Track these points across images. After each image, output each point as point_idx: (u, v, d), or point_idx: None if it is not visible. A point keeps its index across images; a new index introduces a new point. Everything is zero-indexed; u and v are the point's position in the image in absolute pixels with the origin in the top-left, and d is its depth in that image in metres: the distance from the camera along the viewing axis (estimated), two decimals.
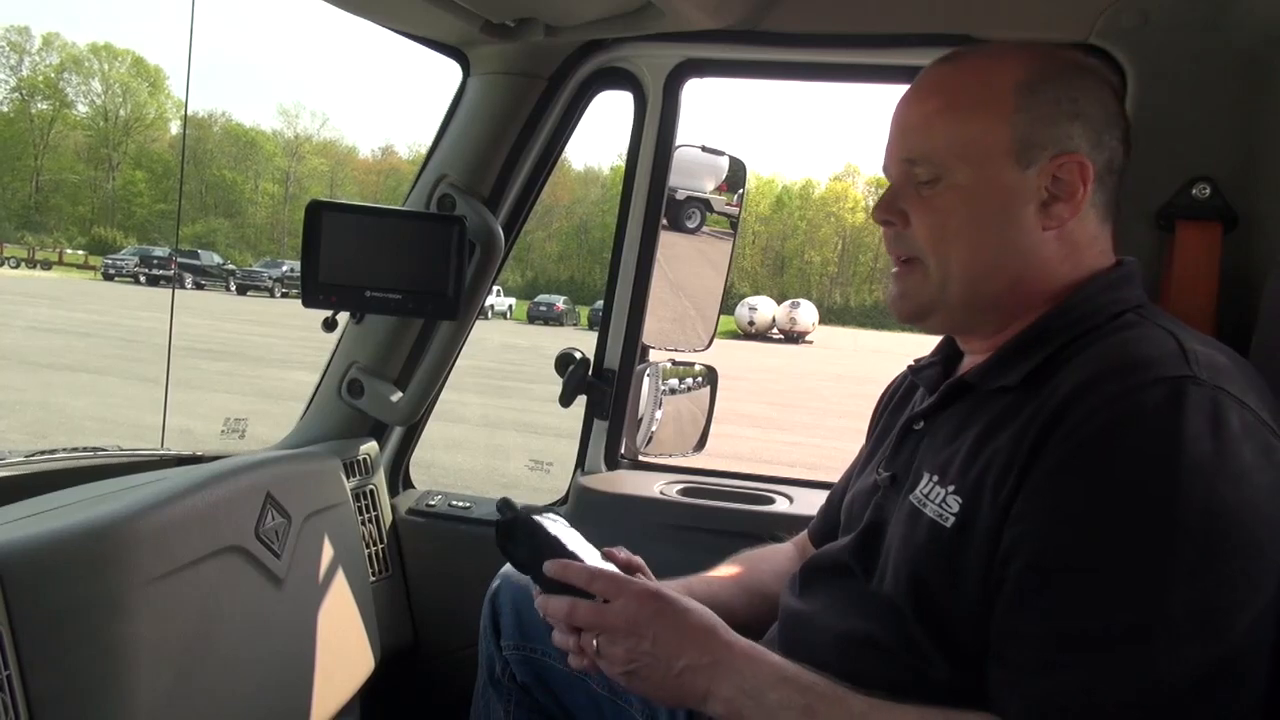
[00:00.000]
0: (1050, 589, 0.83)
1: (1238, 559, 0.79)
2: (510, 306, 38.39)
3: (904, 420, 1.11)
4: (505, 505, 1.13)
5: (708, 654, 0.95)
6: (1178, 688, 0.77)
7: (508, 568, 1.45)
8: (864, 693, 0.90)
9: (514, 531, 1.10)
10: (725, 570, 1.36)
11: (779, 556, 1.38)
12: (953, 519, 0.92)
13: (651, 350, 2.01)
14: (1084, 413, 0.85)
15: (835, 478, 1.38)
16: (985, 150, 0.99)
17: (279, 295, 34.42)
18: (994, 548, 0.88)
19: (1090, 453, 0.83)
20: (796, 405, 14.44)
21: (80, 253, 48.27)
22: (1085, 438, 0.84)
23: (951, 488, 0.94)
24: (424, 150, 1.82)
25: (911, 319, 1.07)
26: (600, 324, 1.95)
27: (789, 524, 1.74)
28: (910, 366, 1.21)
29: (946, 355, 1.16)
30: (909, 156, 1.03)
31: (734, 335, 35.75)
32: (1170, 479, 0.79)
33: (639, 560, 1.24)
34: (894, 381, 1.30)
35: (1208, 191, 1.32)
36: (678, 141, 1.85)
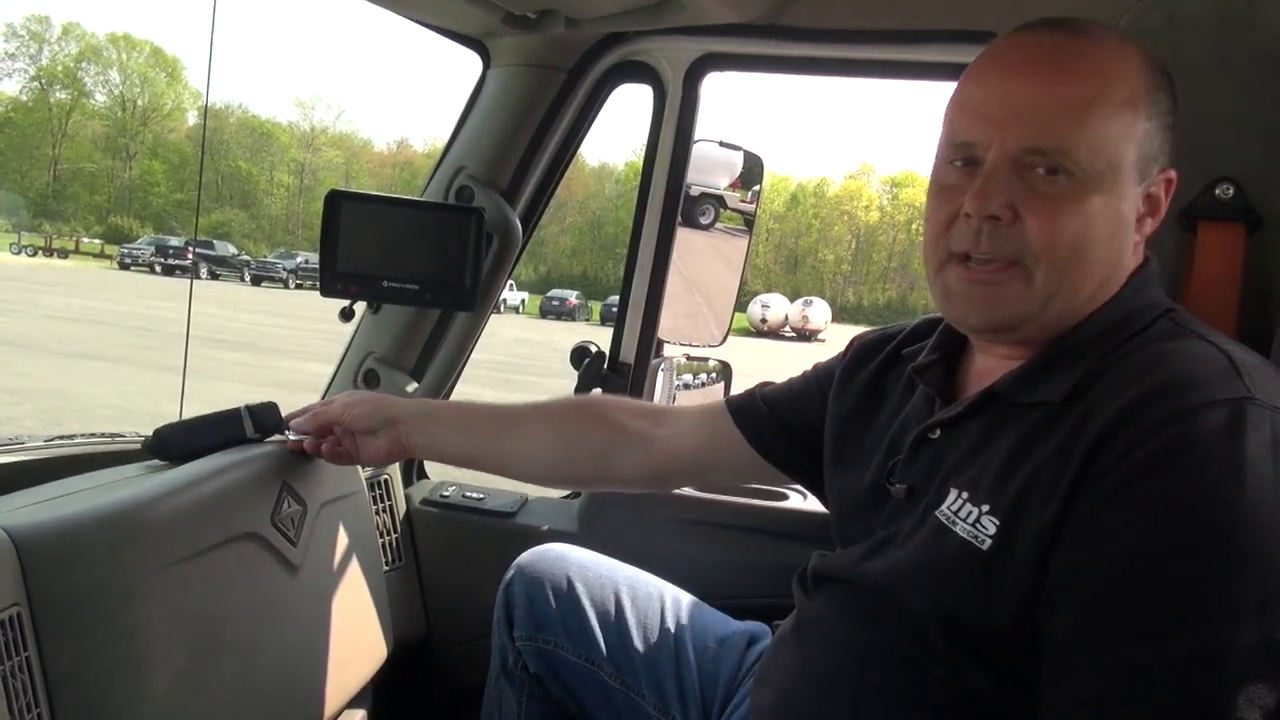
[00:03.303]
0: (1111, 622, 0.78)
1: None
2: (523, 300, 38.43)
3: (918, 429, 1.03)
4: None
5: None
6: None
7: (521, 558, 1.45)
8: None
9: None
10: (533, 426, 1.38)
11: (615, 432, 1.35)
12: (989, 541, 0.87)
13: (666, 345, 2.01)
14: (1137, 435, 0.80)
15: None
16: (1123, 157, 0.89)
17: (293, 286, 34.58)
18: (1036, 572, 0.84)
19: (1149, 479, 0.78)
20: None
21: (97, 241, 48.63)
22: (1141, 463, 0.79)
23: (986, 507, 0.88)
24: (439, 144, 1.83)
25: (989, 331, 0.97)
26: (616, 318, 1.95)
27: (802, 519, 1.75)
28: (913, 367, 1.09)
29: (946, 352, 1.07)
30: (1042, 146, 0.88)
31: (746, 333, 35.70)
32: (1235, 506, 0.75)
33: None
34: (877, 338, 1.22)
35: (1231, 192, 1.31)
36: (695, 136, 1.84)
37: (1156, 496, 0.78)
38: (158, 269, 35.32)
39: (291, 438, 1.40)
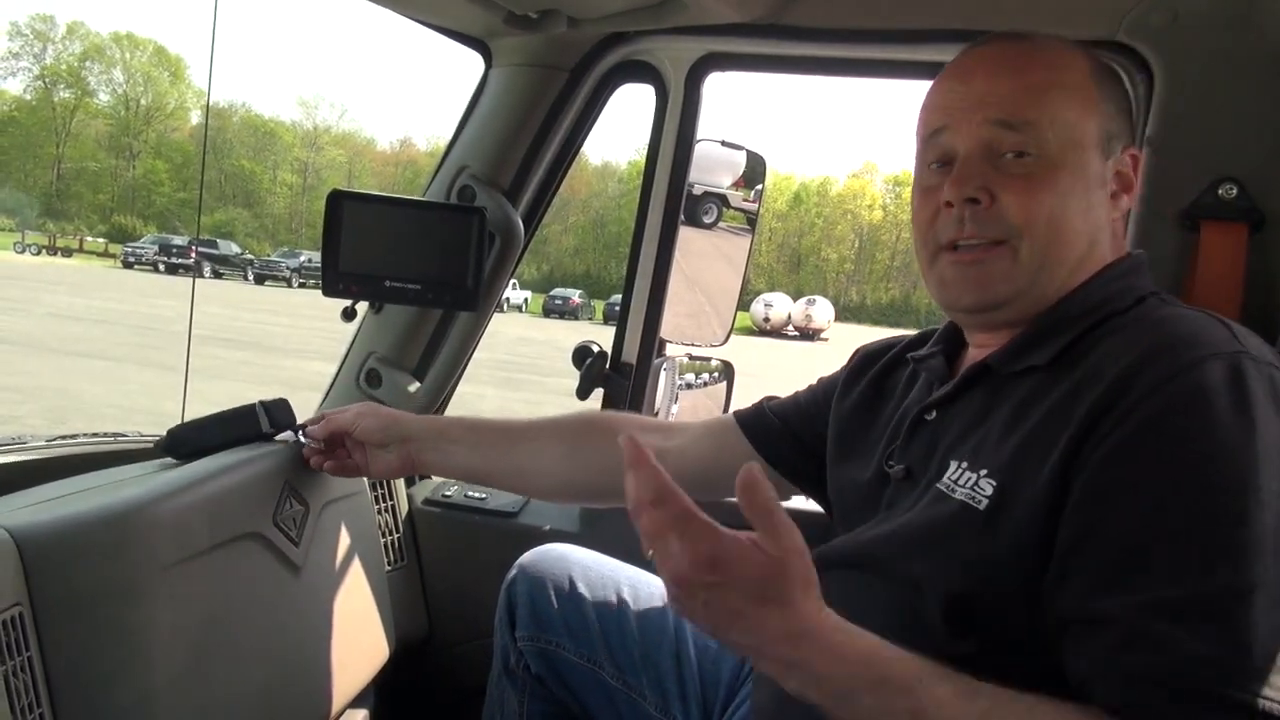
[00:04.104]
0: (1141, 563, 0.80)
1: None
2: (526, 300, 38.43)
3: (915, 411, 1.07)
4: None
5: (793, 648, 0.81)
6: (1275, 659, 0.75)
7: (524, 558, 1.45)
8: (977, 682, 0.80)
9: None
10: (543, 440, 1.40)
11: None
12: (986, 501, 0.90)
13: (668, 345, 2.01)
14: (1143, 390, 0.83)
15: None
16: (1084, 134, 0.97)
17: (296, 285, 34.64)
18: (1034, 531, 0.86)
19: (1160, 431, 0.82)
20: None
21: (100, 240, 48.74)
22: (1152, 414, 0.82)
23: (984, 471, 0.92)
24: (442, 143, 1.82)
25: (982, 309, 1.01)
26: (618, 317, 1.94)
27: (804, 519, 1.74)
28: (911, 356, 1.16)
29: (948, 347, 1.12)
30: (1009, 120, 0.96)
31: (749, 332, 35.70)
32: (1247, 449, 0.79)
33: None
34: (880, 345, 1.26)
35: (1234, 192, 1.31)
36: (698, 136, 1.84)
37: (1171, 447, 0.82)
38: (161, 268, 35.38)
39: (305, 443, 1.42)
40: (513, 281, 2.69)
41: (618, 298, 2.01)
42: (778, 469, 1.30)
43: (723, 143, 1.91)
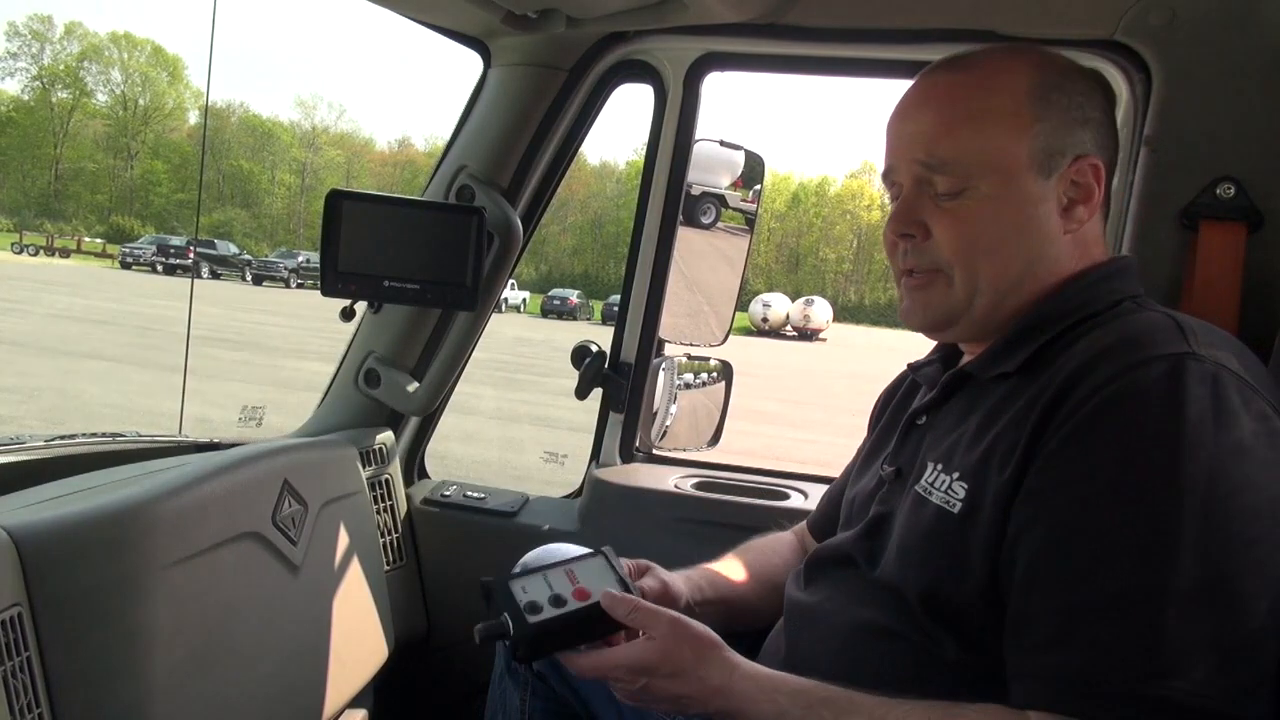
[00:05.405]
0: (1060, 564, 0.84)
1: (1241, 528, 0.80)
2: (524, 300, 38.38)
3: (907, 416, 1.13)
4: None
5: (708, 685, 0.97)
6: (1189, 658, 0.77)
7: (526, 557, 1.45)
8: (867, 692, 0.91)
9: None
10: (733, 564, 1.37)
11: (783, 547, 1.40)
12: (960, 504, 0.94)
13: (667, 344, 2.01)
14: (1085, 391, 0.86)
15: None
16: (1012, 160, 1.00)
17: (294, 285, 34.59)
18: (1001, 529, 0.90)
19: (1093, 428, 0.85)
20: (809, 402, 14.45)
21: (98, 241, 48.63)
22: (1088, 414, 0.85)
23: (956, 474, 0.96)
24: (441, 142, 1.82)
25: (931, 330, 1.08)
26: (617, 317, 1.95)
27: (803, 519, 1.75)
28: (909, 365, 1.23)
29: (945, 354, 1.18)
30: (929, 162, 1.01)
31: (748, 331, 35.68)
32: (1173, 450, 0.81)
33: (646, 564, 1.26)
34: (895, 380, 1.31)
35: (1232, 191, 1.31)
36: (696, 135, 1.85)
37: (1100, 445, 0.85)
38: (159, 268, 35.29)
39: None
40: (511, 281, 2.69)
41: (616, 298, 2.01)
42: None
43: (721, 143, 1.92)
